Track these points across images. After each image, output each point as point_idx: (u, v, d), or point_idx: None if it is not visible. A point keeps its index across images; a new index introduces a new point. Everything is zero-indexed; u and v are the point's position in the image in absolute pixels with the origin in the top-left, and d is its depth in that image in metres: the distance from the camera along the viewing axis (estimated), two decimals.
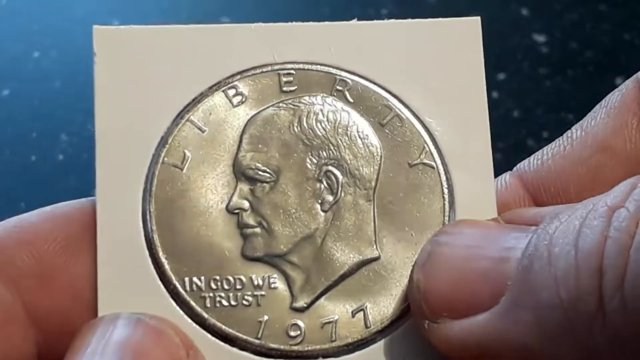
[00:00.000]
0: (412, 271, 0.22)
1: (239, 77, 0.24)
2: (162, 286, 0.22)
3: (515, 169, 0.26)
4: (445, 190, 0.23)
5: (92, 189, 0.54)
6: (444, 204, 0.23)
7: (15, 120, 0.54)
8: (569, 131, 0.26)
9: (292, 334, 0.22)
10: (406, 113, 0.24)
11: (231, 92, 0.24)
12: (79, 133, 0.52)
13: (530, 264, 0.19)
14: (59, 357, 0.21)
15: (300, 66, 0.24)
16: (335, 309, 0.22)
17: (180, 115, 0.23)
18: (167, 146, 0.23)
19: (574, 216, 0.19)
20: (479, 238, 0.21)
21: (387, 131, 0.24)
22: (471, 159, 0.23)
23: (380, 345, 0.22)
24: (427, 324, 0.21)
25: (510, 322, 0.19)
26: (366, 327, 0.22)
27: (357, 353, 0.22)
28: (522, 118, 0.53)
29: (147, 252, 0.22)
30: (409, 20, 0.24)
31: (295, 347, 0.22)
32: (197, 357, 0.21)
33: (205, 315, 0.22)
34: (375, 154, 0.23)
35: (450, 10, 0.25)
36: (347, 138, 0.23)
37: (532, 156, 0.26)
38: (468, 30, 0.24)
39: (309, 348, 0.22)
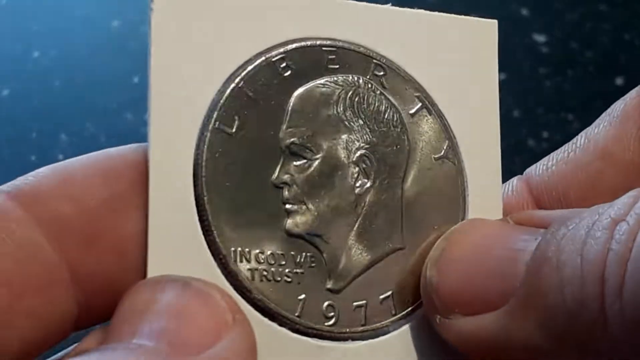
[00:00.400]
0: (425, 267, 0.22)
1: (287, 48, 0.24)
2: (211, 256, 0.22)
3: (524, 173, 0.27)
4: (462, 187, 0.24)
5: None
6: (461, 199, 0.24)
7: (15, 120, 0.54)
8: (575, 138, 0.26)
9: (328, 314, 0.23)
10: (434, 107, 0.24)
11: (279, 62, 0.24)
12: (79, 133, 0.52)
13: (539, 267, 0.20)
14: (100, 315, 0.21)
15: (341, 44, 0.24)
16: (366, 293, 0.23)
17: (230, 79, 0.23)
18: (218, 111, 0.23)
19: (581, 225, 0.19)
20: (490, 238, 0.22)
21: (416, 122, 0.24)
22: (483, 159, 0.24)
23: (402, 331, 0.23)
24: (439, 319, 0.22)
25: (518, 322, 0.20)
26: (392, 313, 0.23)
27: (382, 338, 0.23)
28: (523, 118, 0.53)
29: (197, 218, 0.22)
30: (438, 13, 0.25)
31: (330, 328, 0.23)
32: (243, 321, 0.21)
33: (251, 288, 0.22)
34: (405, 145, 0.24)
35: (450, 10, 0.25)
36: (383, 125, 0.24)
37: (540, 161, 0.27)
38: (487, 31, 0.26)
39: (342, 330, 0.23)
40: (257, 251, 0.23)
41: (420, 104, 0.24)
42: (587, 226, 0.19)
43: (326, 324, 0.23)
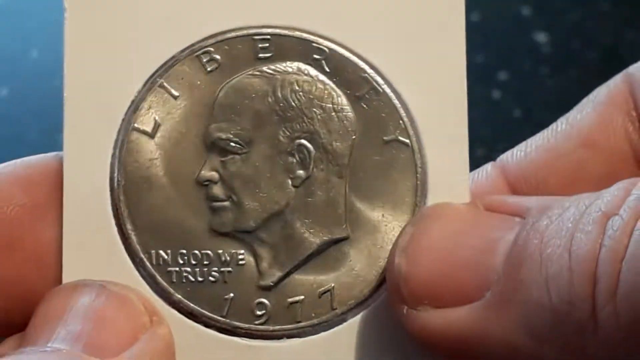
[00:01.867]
0: (391, 253, 0.21)
1: (213, 41, 0.23)
2: (128, 258, 0.22)
3: (497, 160, 0.26)
4: (419, 170, 0.22)
5: None
6: (416, 184, 0.22)
7: (13, 119, 0.54)
8: (554, 124, 0.25)
9: (258, 312, 0.22)
10: (384, 86, 0.22)
11: (205, 57, 0.23)
12: None
13: (520, 262, 0.18)
14: (18, 324, 0.21)
15: (277, 31, 0.23)
16: (302, 289, 0.22)
17: (151, 79, 0.22)
18: (138, 111, 0.22)
19: (566, 217, 0.18)
20: (463, 224, 0.21)
21: (363, 105, 0.22)
22: (447, 139, 0.22)
23: (344, 327, 0.22)
24: (406, 310, 0.20)
25: (496, 318, 0.19)
26: (332, 308, 0.22)
27: (321, 334, 0.22)
28: (523, 118, 0.52)
29: (113, 222, 0.22)
30: None
31: (261, 327, 0.22)
32: (161, 323, 0.21)
33: (171, 290, 0.22)
34: (349, 129, 0.22)
35: None
36: (321, 111, 0.22)
37: (516, 147, 0.26)
38: (451, 3, 0.23)
39: (274, 327, 0.22)
40: (180, 252, 0.22)
41: (367, 85, 0.22)
42: (574, 218, 0.18)
43: (256, 322, 0.22)
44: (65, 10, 0.22)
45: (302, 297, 0.22)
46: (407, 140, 0.22)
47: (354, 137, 0.22)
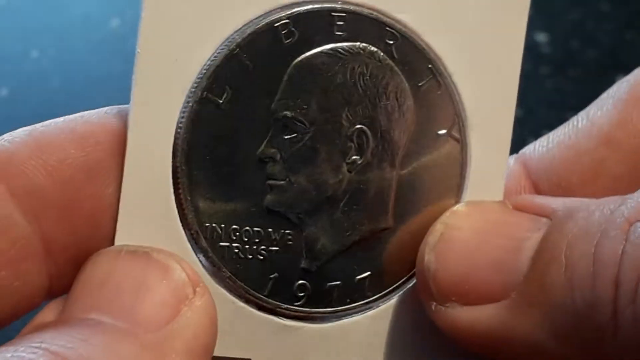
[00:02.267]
0: (421, 251, 0.21)
1: (290, 11, 0.22)
2: (182, 229, 0.21)
3: (520, 153, 0.26)
4: (465, 168, 0.23)
5: None
6: (459, 182, 0.23)
7: (14, 120, 0.53)
8: (574, 119, 0.25)
9: (299, 294, 0.22)
10: (445, 79, 0.22)
11: (282, 27, 0.22)
12: None
13: (547, 264, 0.19)
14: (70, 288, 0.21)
15: (353, 8, 0.22)
16: (341, 274, 0.22)
17: (224, 45, 0.22)
18: (209, 79, 0.21)
19: (591, 221, 0.19)
20: (491, 224, 0.21)
21: (423, 95, 0.22)
22: (492, 139, 0.23)
23: (376, 312, 0.22)
24: (434, 306, 0.21)
25: (520, 318, 0.19)
26: (365, 295, 0.22)
27: (354, 318, 0.22)
28: (524, 118, 0.52)
29: (172, 190, 0.21)
30: None
31: (299, 308, 0.22)
32: (204, 294, 0.20)
33: (221, 265, 0.21)
34: (408, 120, 0.22)
35: None
36: (385, 98, 0.22)
37: (537, 142, 0.26)
38: (516, 6, 0.24)
39: (311, 309, 0.22)
40: (233, 227, 0.22)
41: (430, 76, 0.22)
42: (599, 223, 0.19)
43: (295, 303, 0.22)
44: None
45: (340, 282, 0.22)
46: (459, 136, 0.22)
47: (410, 127, 0.22)
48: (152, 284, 0.19)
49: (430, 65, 0.22)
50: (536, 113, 0.53)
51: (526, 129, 0.50)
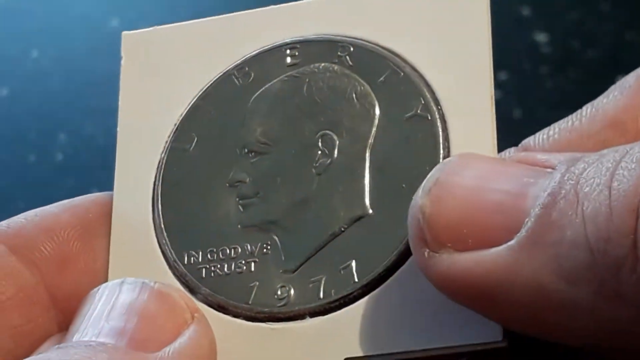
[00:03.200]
0: (415, 197, 0.20)
1: (246, 59, 0.24)
2: (164, 262, 0.23)
3: (521, 144, 0.25)
4: (440, 141, 0.22)
5: (91, 188, 0.53)
6: (437, 155, 0.22)
7: (14, 120, 0.54)
8: (580, 110, 0.25)
9: (280, 294, 0.22)
10: (405, 69, 0.23)
11: (240, 73, 0.24)
12: (78, 132, 0.52)
13: (554, 201, 0.18)
14: None
15: (304, 39, 0.24)
16: (324, 268, 0.22)
17: (191, 103, 0.24)
18: (177, 132, 0.24)
19: (605, 159, 0.18)
20: (492, 171, 0.20)
21: (385, 89, 0.23)
22: (470, 110, 0.22)
23: (367, 300, 0.22)
24: (427, 253, 0.19)
25: (526, 260, 0.18)
26: (352, 282, 0.22)
27: (344, 309, 0.22)
28: (524, 118, 0.52)
29: (153, 232, 0.23)
30: None
31: (282, 308, 0.22)
32: (201, 319, 0.21)
33: (201, 285, 0.22)
34: (371, 113, 0.23)
35: None
36: (345, 101, 0.23)
37: (539, 132, 0.25)
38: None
39: (296, 308, 0.22)
40: (209, 250, 0.23)
41: (389, 71, 0.23)
42: (614, 160, 0.18)
43: (278, 305, 0.22)
44: (122, 57, 0.25)
45: (323, 275, 0.22)
46: (428, 115, 0.22)
47: (375, 118, 0.23)
48: (153, 310, 0.21)
49: (386, 62, 0.23)
50: (536, 113, 0.53)
51: (526, 129, 0.50)
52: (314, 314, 0.22)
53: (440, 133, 0.22)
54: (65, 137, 0.52)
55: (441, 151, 0.22)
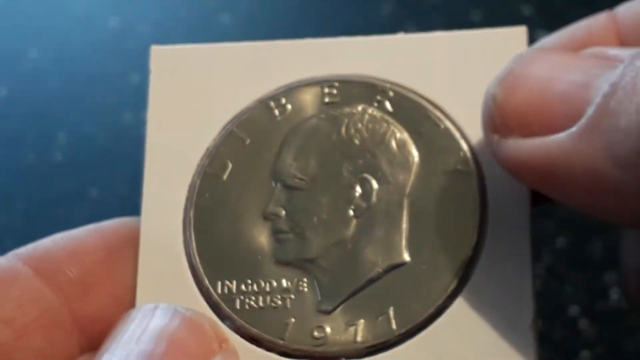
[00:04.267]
0: (489, 85, 0.21)
1: (283, 90, 0.24)
2: (196, 288, 0.23)
3: (614, 10, 0.26)
4: (477, 197, 0.23)
5: (90, 188, 0.53)
6: (474, 209, 0.23)
7: (12, 120, 0.53)
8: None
9: (317, 335, 0.22)
10: (445, 122, 0.24)
11: (274, 104, 0.24)
12: (77, 132, 0.52)
13: (614, 91, 0.19)
14: None
15: (343, 77, 0.24)
16: (361, 312, 0.22)
17: (225, 128, 0.24)
18: (210, 157, 0.24)
19: None
20: (562, 63, 0.21)
21: (424, 139, 0.23)
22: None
23: (403, 347, 0.22)
24: (497, 139, 0.21)
25: (584, 145, 0.19)
26: (393, 329, 0.22)
27: (379, 355, 0.22)
28: None
29: (184, 257, 0.23)
30: (454, 32, 0.24)
31: (319, 348, 0.22)
32: (228, 349, 0.21)
33: (235, 316, 0.22)
34: (410, 161, 0.23)
35: (451, 8, 0.25)
36: (384, 146, 0.23)
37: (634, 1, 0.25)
38: (514, 41, 0.24)
39: (332, 349, 0.22)
40: (243, 281, 0.23)
41: (429, 122, 0.24)
42: None
43: (314, 344, 0.22)
44: (151, 71, 0.25)
45: (361, 320, 0.22)
46: (467, 169, 0.23)
47: (414, 168, 0.23)
48: (182, 337, 0.21)
49: (426, 113, 0.24)
50: None
51: None
52: (349, 356, 0.22)
53: (477, 190, 0.23)
54: (64, 136, 0.52)
55: (477, 208, 0.23)
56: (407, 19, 0.50)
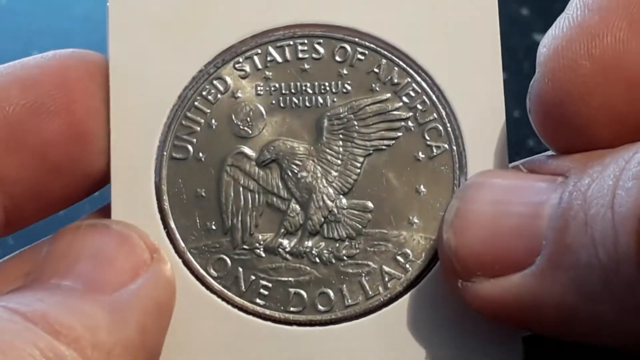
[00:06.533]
0: (440, 230, 0.21)
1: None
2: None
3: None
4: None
5: None
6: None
7: None
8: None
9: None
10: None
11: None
12: None
13: (566, 224, 0.18)
14: (27, 219, 0.22)
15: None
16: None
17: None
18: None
19: (606, 175, 0.18)
20: (506, 191, 0.21)
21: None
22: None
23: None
24: (461, 283, 0.21)
25: (548, 282, 0.19)
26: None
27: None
28: (523, 118, 0.52)
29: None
30: None
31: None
32: (161, 260, 0.21)
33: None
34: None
35: None
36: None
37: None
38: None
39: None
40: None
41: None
42: (615, 175, 0.18)
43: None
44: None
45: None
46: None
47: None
48: (110, 251, 0.21)
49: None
50: None
51: (526, 129, 0.50)
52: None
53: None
54: None
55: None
56: None
